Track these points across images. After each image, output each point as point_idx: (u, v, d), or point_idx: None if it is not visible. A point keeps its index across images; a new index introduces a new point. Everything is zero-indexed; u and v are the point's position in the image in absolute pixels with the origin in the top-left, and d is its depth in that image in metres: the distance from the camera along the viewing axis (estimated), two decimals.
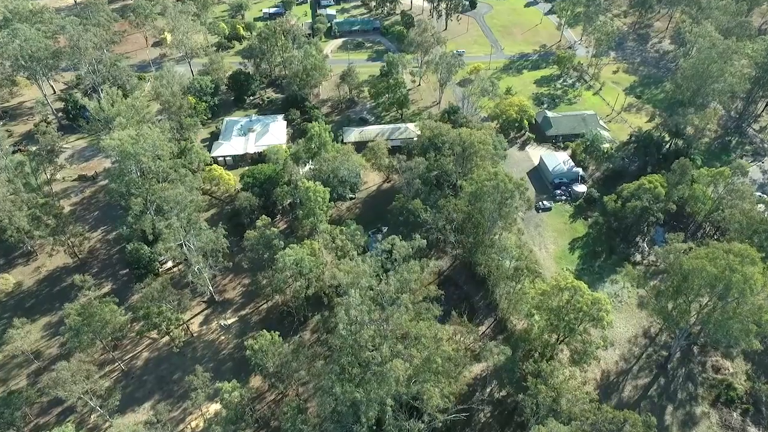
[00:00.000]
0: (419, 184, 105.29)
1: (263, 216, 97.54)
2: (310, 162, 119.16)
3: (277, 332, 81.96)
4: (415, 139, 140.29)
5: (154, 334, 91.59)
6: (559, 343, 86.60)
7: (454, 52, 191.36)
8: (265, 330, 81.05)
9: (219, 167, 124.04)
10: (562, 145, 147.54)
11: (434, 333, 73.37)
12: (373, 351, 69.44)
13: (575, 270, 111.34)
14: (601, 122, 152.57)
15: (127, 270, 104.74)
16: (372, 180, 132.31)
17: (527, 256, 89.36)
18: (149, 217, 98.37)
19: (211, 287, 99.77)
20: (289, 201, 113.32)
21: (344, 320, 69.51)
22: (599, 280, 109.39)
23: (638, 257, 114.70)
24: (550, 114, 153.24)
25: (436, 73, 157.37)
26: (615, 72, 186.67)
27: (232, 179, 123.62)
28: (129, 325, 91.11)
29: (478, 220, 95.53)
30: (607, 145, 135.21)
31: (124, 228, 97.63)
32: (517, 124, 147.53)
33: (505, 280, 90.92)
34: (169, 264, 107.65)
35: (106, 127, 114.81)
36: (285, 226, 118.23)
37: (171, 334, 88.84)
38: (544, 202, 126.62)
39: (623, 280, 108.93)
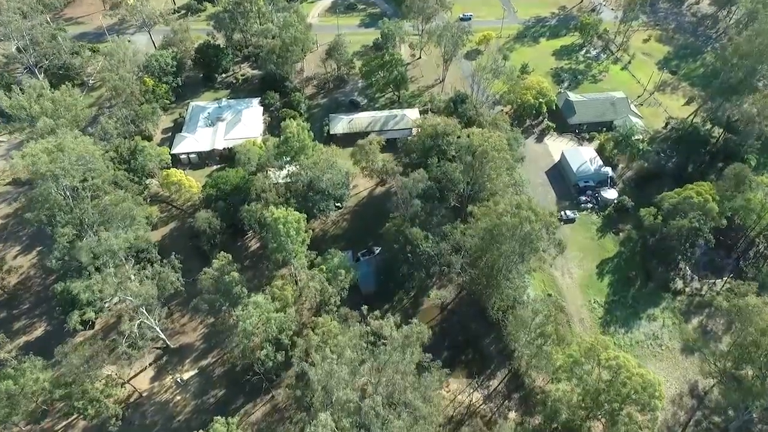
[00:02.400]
0: (419, 205, 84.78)
1: (222, 253, 77.81)
2: (289, 166, 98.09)
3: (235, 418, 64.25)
4: (414, 131, 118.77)
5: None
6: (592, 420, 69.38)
7: (461, 16, 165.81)
8: (220, 417, 63.05)
9: (177, 172, 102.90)
10: (587, 136, 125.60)
11: None
12: None
13: (605, 302, 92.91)
14: (632, 107, 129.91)
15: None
16: (363, 183, 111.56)
17: (555, 317, 70.24)
18: (88, 246, 78.27)
19: (163, 334, 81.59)
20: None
21: None
22: (633, 315, 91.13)
23: (679, 284, 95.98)
24: (572, 97, 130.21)
25: (440, 46, 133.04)
26: (646, 41, 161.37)
27: (194, 185, 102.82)
28: (51, 403, 72.58)
29: (493, 260, 76.05)
30: (642, 140, 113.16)
31: (53, 261, 78.30)
32: (534, 111, 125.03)
33: (526, 336, 72.42)
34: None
35: (31, 126, 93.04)
36: (257, 245, 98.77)
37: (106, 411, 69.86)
38: (567, 212, 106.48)
39: (663, 316, 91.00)
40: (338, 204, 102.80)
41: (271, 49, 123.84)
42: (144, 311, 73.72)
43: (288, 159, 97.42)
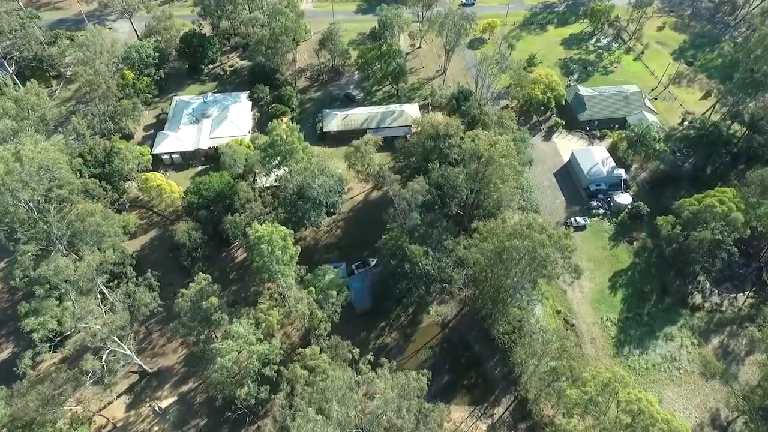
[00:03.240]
0: (418, 219, 77.16)
1: (200, 275, 70.53)
2: (278, 169, 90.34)
3: None
4: (413, 128, 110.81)
5: None
6: None
7: (463, 2, 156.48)
8: None
9: (157, 176, 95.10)
10: (598, 134, 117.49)
11: None
12: None
13: (618, 320, 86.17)
14: (646, 101, 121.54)
15: None
16: (358, 186, 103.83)
17: (569, 352, 63.21)
18: (55, 264, 70.81)
19: (139, 359, 74.96)
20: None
21: None
22: (649, 334, 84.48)
23: (698, 298, 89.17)
24: (583, 91, 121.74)
25: (441, 36, 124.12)
26: (660, 29, 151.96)
27: (176, 190, 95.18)
28: None
29: (499, 282, 68.91)
30: (658, 139, 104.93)
31: (17, 279, 71.11)
32: (542, 107, 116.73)
33: (535, 367, 65.69)
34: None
35: None
36: (244, 256, 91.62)
37: None
38: (577, 219, 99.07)
39: (681, 335, 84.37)
40: (332, 210, 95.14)
41: (260, 39, 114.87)
42: (116, 338, 66.86)
43: (275, 163, 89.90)
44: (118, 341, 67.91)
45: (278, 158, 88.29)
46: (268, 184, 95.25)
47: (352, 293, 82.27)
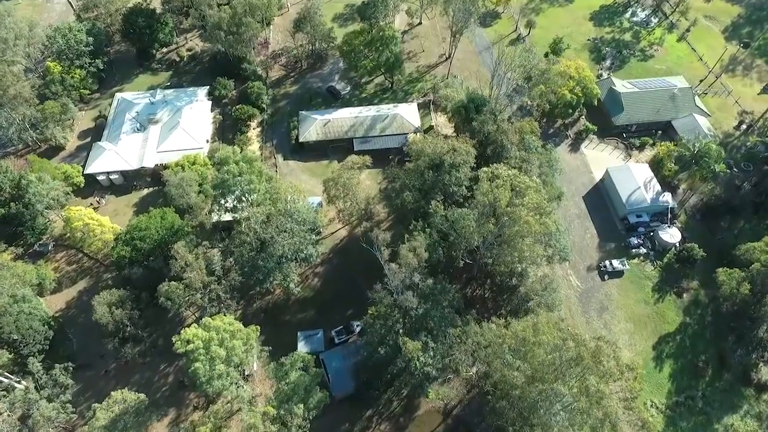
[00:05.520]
0: (414, 302, 57.19)
1: (119, 393, 51.97)
2: (242, 199, 69.98)
3: None
4: (411, 137, 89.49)
5: None
6: None
7: None
8: None
9: (84, 213, 74.64)
10: (637, 143, 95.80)
11: None
12: None
13: (665, 405, 68.60)
14: (697, 101, 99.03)
15: None
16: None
17: None
18: None
19: None
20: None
21: None
22: (705, 426, 67.17)
23: (765, 373, 71.33)
24: (620, 86, 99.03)
25: (447, 15, 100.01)
26: (709, 0, 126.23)
27: (108, 229, 75.00)
28: None
29: (531, 399, 50.21)
30: (718, 156, 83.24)
31: None
32: (570, 109, 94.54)
33: None
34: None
35: None
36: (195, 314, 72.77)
37: None
38: (613, 263, 79.61)
39: (746, 428, 66.99)
40: (306, 262, 74.07)
41: (217, 22, 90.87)
42: None
43: (232, 199, 69.73)
44: None
45: (232, 196, 68.19)
46: (226, 218, 75.42)
47: (330, 376, 64.47)
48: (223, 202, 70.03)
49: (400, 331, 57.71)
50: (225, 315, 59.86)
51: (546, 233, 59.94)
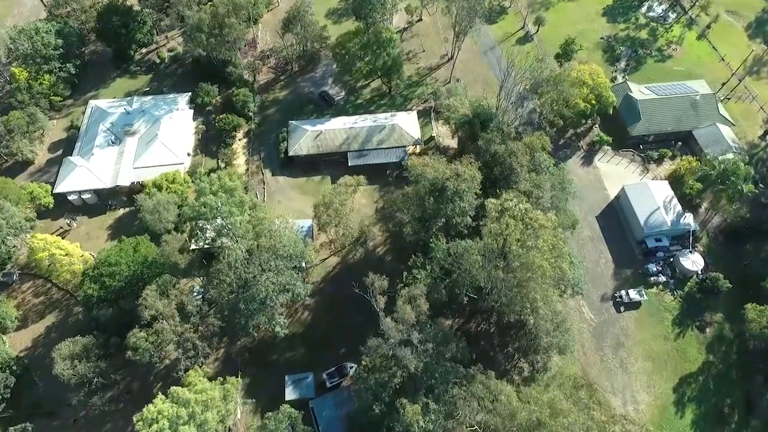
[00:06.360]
0: (413, 361, 50.63)
1: None
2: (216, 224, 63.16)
3: None
4: (410, 150, 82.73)
5: None
6: None
7: None
8: None
9: (52, 240, 67.74)
10: (655, 155, 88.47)
11: None
12: None
13: None
14: (720, 108, 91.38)
15: None
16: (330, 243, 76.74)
17: None
18: None
19: None
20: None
21: None
22: None
23: None
24: (636, 92, 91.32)
25: (449, 14, 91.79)
26: None
27: (76, 258, 68.22)
28: None
29: None
30: (747, 174, 75.96)
31: None
32: (584, 118, 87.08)
33: None
34: None
35: None
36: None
37: None
38: (630, 292, 73.04)
39: None
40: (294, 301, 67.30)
41: (197, 24, 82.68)
42: None
43: (210, 229, 62.93)
44: None
45: (210, 228, 61.43)
46: (207, 244, 68.60)
47: (320, 428, 58.61)
48: (200, 234, 63.22)
49: (397, 387, 51.38)
50: (201, 367, 53.66)
51: (561, 277, 53.25)
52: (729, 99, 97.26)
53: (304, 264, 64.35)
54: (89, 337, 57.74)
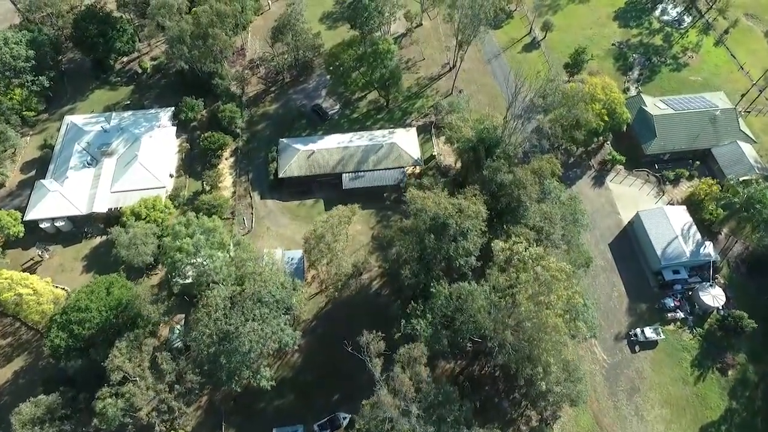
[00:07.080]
0: (414, 426, 45.37)
1: None
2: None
3: None
4: (409, 171, 77.18)
5: None
6: None
7: None
8: None
9: (18, 278, 62.05)
10: (671, 176, 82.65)
11: None
12: None
13: None
14: (741, 124, 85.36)
15: None
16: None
17: None
18: None
19: None
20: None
21: None
22: None
23: None
24: (651, 107, 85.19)
25: (452, 21, 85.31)
26: None
27: (46, 298, 62.64)
28: None
29: None
30: None
31: None
32: (595, 136, 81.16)
33: None
34: None
35: None
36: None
37: None
38: (645, 330, 67.66)
39: None
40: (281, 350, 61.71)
41: (179, 35, 76.20)
42: None
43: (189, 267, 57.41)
44: None
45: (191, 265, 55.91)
46: (189, 281, 63.08)
47: None
48: (179, 275, 57.71)
49: None
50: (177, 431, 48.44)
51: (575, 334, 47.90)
52: (749, 112, 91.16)
53: (293, 308, 58.71)
54: (55, 395, 52.30)
